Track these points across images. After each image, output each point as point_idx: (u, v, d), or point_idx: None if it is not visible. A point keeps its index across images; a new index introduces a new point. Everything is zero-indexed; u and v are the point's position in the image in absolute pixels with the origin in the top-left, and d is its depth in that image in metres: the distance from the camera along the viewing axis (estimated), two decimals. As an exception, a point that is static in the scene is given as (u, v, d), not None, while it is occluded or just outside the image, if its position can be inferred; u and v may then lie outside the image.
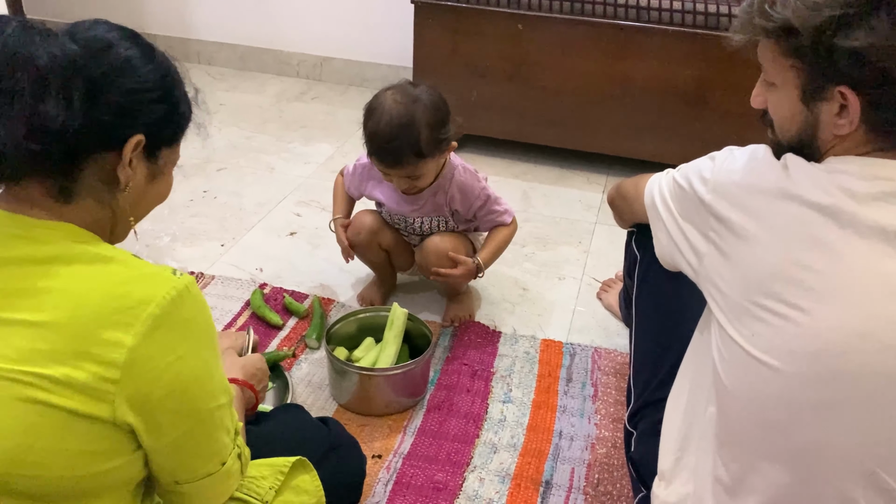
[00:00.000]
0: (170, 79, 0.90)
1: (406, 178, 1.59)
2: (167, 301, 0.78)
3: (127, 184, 0.85)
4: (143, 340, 0.77)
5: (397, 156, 1.53)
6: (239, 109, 3.02)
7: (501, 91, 2.52)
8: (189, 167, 2.55)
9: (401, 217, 1.74)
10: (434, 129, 1.54)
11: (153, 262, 0.84)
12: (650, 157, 2.50)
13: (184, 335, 0.80)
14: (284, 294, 1.90)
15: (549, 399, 1.62)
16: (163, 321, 0.78)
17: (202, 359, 0.82)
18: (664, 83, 2.37)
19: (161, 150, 0.90)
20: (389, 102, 1.54)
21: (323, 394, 1.61)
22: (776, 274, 0.90)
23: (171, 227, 2.13)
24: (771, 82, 0.97)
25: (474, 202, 1.70)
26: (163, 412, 0.80)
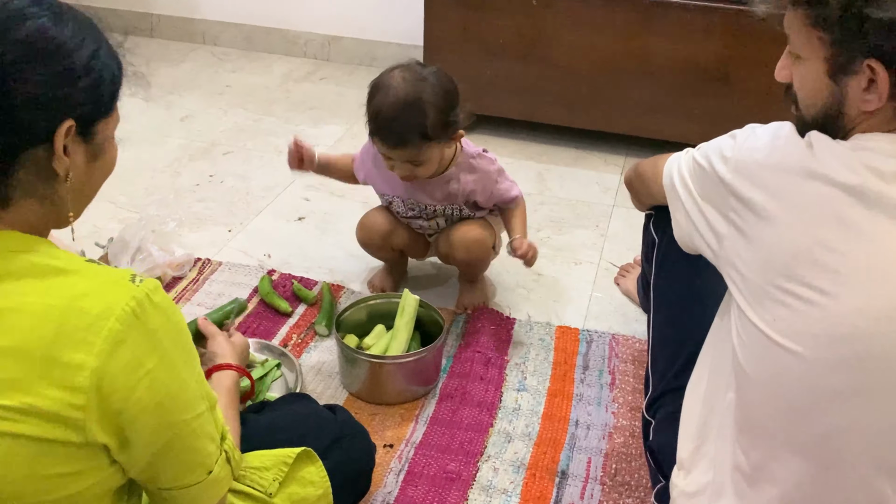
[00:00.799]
0: (90, 43, 0.82)
1: (408, 162, 1.55)
2: (127, 313, 0.76)
3: (67, 174, 0.81)
4: (106, 360, 0.74)
5: (401, 136, 1.50)
6: (245, 91, 3.02)
7: (515, 70, 2.51)
8: (195, 150, 2.57)
9: (414, 202, 1.73)
10: (442, 112, 1.51)
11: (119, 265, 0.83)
12: (670, 137, 2.48)
13: (151, 347, 0.78)
14: (293, 280, 1.90)
15: (565, 387, 1.62)
16: (125, 335, 0.75)
17: (174, 369, 0.80)
18: (685, 60, 2.35)
19: (96, 124, 0.84)
20: (397, 80, 1.51)
21: (333, 382, 1.62)
22: (799, 256, 0.89)
23: (177, 212, 2.14)
24: (797, 54, 0.96)
25: (493, 190, 1.68)
26: (137, 430, 0.78)
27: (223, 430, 0.91)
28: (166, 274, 1.89)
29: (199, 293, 1.87)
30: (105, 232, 2.04)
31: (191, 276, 1.93)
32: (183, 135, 2.67)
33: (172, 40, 3.44)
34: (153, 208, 2.07)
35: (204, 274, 1.94)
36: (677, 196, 1.08)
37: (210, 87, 3.05)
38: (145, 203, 2.23)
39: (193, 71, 3.19)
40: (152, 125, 2.70)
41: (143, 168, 2.43)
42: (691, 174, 1.06)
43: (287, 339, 1.73)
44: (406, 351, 1.58)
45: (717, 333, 1.09)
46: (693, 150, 1.09)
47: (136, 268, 1.86)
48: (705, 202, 1.02)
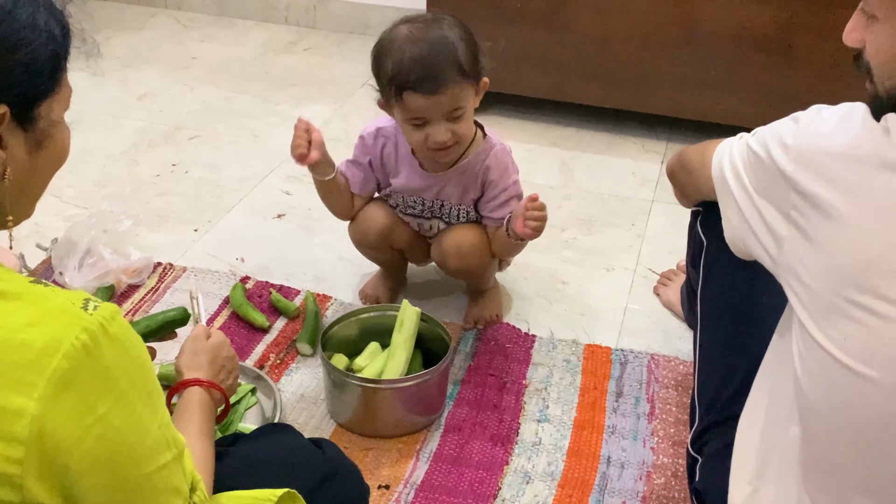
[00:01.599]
0: (25, 4, 0.80)
1: (449, 116, 1.56)
2: (77, 349, 0.74)
3: (4, 171, 0.80)
4: (50, 405, 0.73)
5: (439, 76, 1.52)
6: (215, 64, 3.03)
7: (536, 39, 2.51)
8: (155, 135, 2.57)
9: (418, 198, 1.73)
10: (470, 45, 1.57)
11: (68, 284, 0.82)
12: (720, 119, 2.47)
13: (104, 388, 0.76)
14: (271, 289, 1.91)
15: (595, 417, 1.62)
16: (74, 376, 0.74)
17: (133, 413, 0.79)
18: (738, 26, 2.34)
19: (38, 106, 0.82)
20: (406, 30, 1.57)
21: (318, 410, 1.62)
22: (873, 263, 0.89)
23: (134, 207, 2.14)
24: (871, 14, 0.95)
25: (509, 187, 1.70)
26: (86, 488, 0.77)
27: (193, 479, 0.90)
28: (120, 281, 1.90)
29: (160, 304, 1.87)
30: (48, 231, 2.05)
31: (150, 283, 1.94)
32: (141, 116, 2.68)
33: (129, 4, 3.46)
34: (105, 203, 2.08)
35: (165, 281, 1.95)
36: (729, 190, 1.08)
37: (174, 59, 3.06)
38: (96, 197, 2.24)
39: (154, 40, 3.20)
40: (104, 105, 2.71)
41: (93, 156, 2.44)
42: (745, 164, 1.06)
43: (264, 360, 1.73)
44: (405, 373, 1.58)
45: (777, 354, 1.08)
46: (748, 136, 1.09)
47: (85, 274, 1.87)
48: (762, 198, 1.02)
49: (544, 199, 2.28)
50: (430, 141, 1.57)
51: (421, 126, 1.57)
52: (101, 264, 1.88)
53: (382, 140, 1.72)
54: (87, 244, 1.89)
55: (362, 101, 2.68)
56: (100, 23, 3.30)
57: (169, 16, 3.40)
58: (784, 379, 1.03)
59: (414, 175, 1.71)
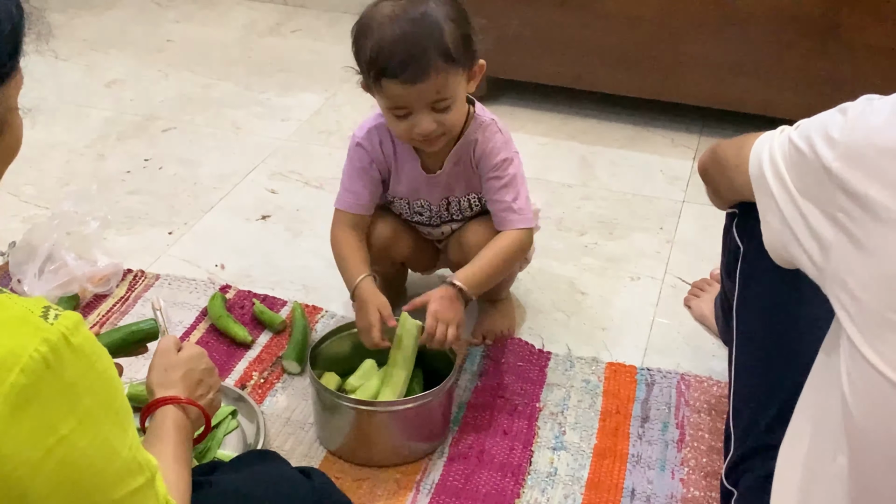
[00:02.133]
0: None
1: (433, 105, 1.54)
2: (37, 362, 0.74)
3: None
4: (6, 426, 0.73)
5: (420, 61, 1.49)
6: (193, 48, 3.05)
7: (551, 19, 2.52)
8: (125, 127, 2.59)
9: (425, 203, 1.74)
10: (459, 25, 1.54)
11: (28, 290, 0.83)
12: (759, 110, 2.48)
13: (67, 406, 0.77)
14: (254, 300, 1.91)
15: (618, 445, 1.62)
16: (34, 392, 0.74)
17: (99, 434, 0.79)
18: (779, 7, 2.35)
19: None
20: (387, 7, 1.54)
21: (306, 436, 1.63)
22: None
23: (101, 208, 2.15)
24: None
25: (497, 164, 1.67)
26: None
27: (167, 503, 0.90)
28: (86, 290, 1.91)
29: (130, 316, 1.88)
30: (5, 234, 2.06)
31: (118, 293, 1.95)
32: (109, 105, 2.70)
33: (97, -20, 3.48)
34: (69, 203, 2.09)
35: (135, 290, 1.96)
36: (768, 190, 1.08)
37: (146, 41, 3.08)
38: (59, 196, 2.25)
39: (124, 20, 3.23)
40: (67, 92, 2.73)
41: (55, 150, 2.45)
42: (787, 161, 1.06)
43: (245, 379, 1.74)
44: (404, 395, 1.58)
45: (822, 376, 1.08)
46: (790, 129, 1.09)
47: (46, 282, 1.88)
48: (805, 199, 1.02)
49: (561, 198, 2.31)
50: (415, 132, 1.57)
51: (404, 116, 1.57)
52: (63, 271, 1.89)
53: (378, 139, 1.71)
54: (48, 248, 1.91)
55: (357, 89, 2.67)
56: (64, 2, 3.32)
57: (141, -7, 3.42)
58: (830, 403, 1.03)
59: (416, 178, 1.71)
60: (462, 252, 1.73)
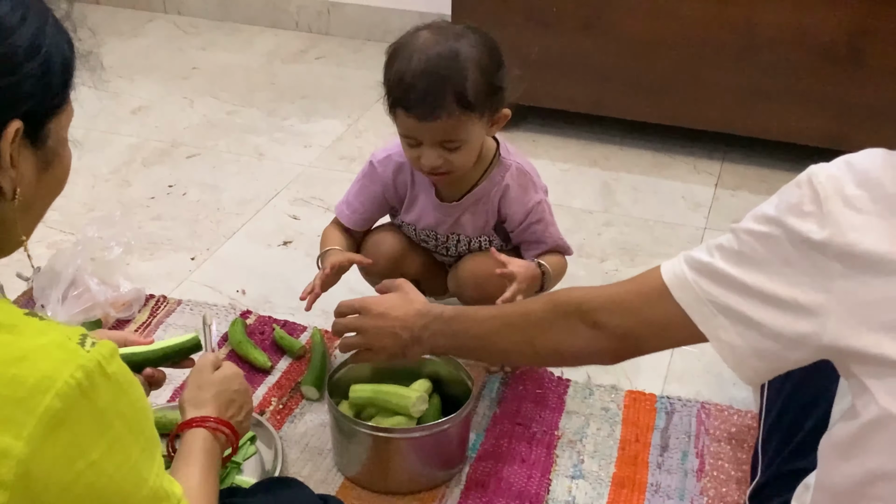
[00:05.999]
0: (34, 18, 0.84)
1: (440, 143, 1.56)
2: (72, 387, 0.76)
3: (15, 191, 0.83)
4: (39, 447, 0.75)
5: (434, 101, 1.50)
6: (218, 74, 3.08)
7: (573, 47, 2.53)
8: (150, 152, 2.62)
9: (431, 233, 1.76)
10: (486, 73, 1.53)
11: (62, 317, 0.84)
12: (782, 137, 2.48)
13: (98, 431, 0.78)
14: (274, 325, 1.93)
15: (637, 474, 1.62)
16: (66, 416, 0.75)
17: (127, 461, 0.80)
18: (801, 33, 2.35)
19: (48, 123, 0.86)
20: (424, 37, 1.55)
21: (324, 462, 1.63)
22: None
23: (125, 233, 2.17)
24: None
25: (532, 209, 1.71)
26: None
27: None
28: (108, 315, 1.93)
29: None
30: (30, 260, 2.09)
31: (140, 318, 1.96)
32: (135, 131, 2.73)
33: (123, 7, 3.53)
34: (93, 229, 2.11)
35: (157, 316, 1.97)
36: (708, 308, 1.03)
37: (172, 68, 3.12)
38: (83, 221, 2.26)
39: (150, 47, 3.27)
40: (93, 118, 2.76)
41: (80, 175, 2.48)
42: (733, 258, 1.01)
43: (265, 404, 1.75)
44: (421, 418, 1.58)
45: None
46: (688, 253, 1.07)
47: (69, 307, 1.89)
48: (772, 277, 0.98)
49: (583, 224, 2.31)
50: (421, 163, 1.59)
51: (414, 146, 1.59)
52: (87, 296, 1.91)
53: (394, 167, 1.73)
54: (71, 274, 1.92)
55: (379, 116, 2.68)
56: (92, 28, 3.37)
57: (167, 20, 3.47)
58: None
59: (428, 207, 1.72)
60: (457, 283, 1.75)
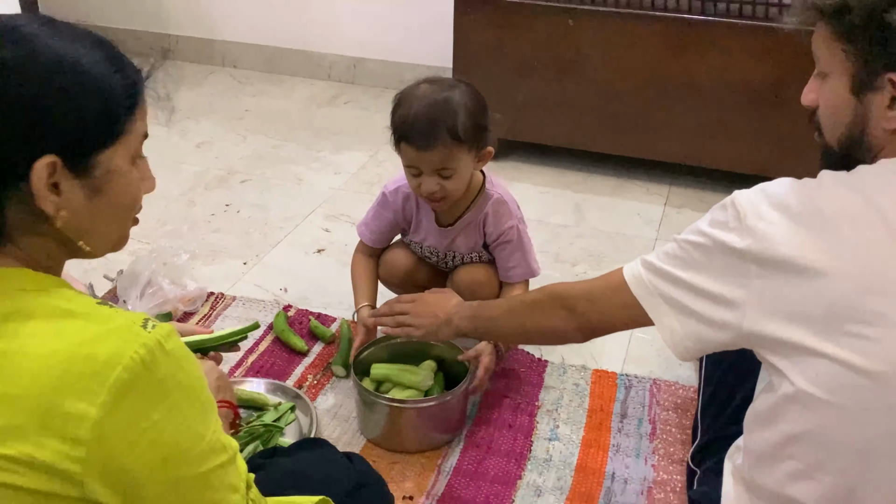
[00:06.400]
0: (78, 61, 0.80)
1: (436, 172, 1.56)
2: (136, 362, 0.76)
3: (58, 213, 0.80)
4: (110, 411, 0.74)
5: (430, 135, 1.52)
6: (266, 115, 3.08)
7: (551, 92, 2.53)
8: (211, 179, 2.62)
9: (434, 250, 1.76)
10: (472, 115, 1.55)
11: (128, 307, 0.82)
12: (718, 165, 2.48)
13: (159, 398, 0.78)
14: (310, 317, 1.93)
15: (601, 437, 1.61)
16: (132, 386, 0.75)
17: (184, 420, 0.80)
18: (735, 82, 2.35)
19: (94, 156, 0.81)
20: (423, 89, 1.58)
21: (350, 427, 1.63)
22: None
23: (191, 243, 2.19)
24: (823, 72, 0.99)
25: (504, 231, 1.69)
26: (142, 485, 0.78)
27: (249, 479, 0.91)
28: (177, 309, 1.93)
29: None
30: (114, 264, 2.09)
31: (203, 311, 1.97)
32: (199, 162, 2.73)
33: (190, 62, 3.54)
34: (165, 239, 2.12)
35: (216, 309, 1.97)
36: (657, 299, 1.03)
37: (229, 111, 3.12)
38: (157, 234, 2.27)
39: (212, 94, 3.27)
40: (167, 151, 2.77)
41: (155, 197, 2.44)
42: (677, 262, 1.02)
43: (302, 380, 1.75)
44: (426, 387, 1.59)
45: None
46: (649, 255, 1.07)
47: (146, 302, 1.90)
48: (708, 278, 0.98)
49: (558, 236, 2.31)
50: (421, 189, 1.59)
51: (416, 175, 1.59)
52: (160, 294, 1.91)
53: (403, 197, 1.73)
54: (148, 276, 1.93)
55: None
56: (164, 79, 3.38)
57: (225, 73, 3.47)
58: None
59: (431, 230, 1.73)
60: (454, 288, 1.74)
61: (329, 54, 3.37)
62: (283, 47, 3.42)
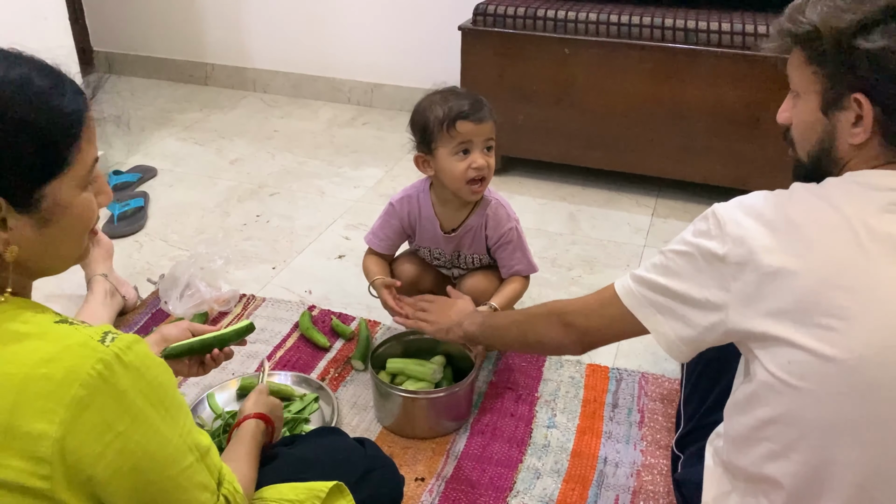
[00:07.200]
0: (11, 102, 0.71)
1: (485, 144, 1.57)
2: (93, 377, 0.71)
3: (6, 248, 0.75)
4: (70, 428, 0.70)
5: (483, 107, 1.56)
6: (292, 135, 3.10)
7: (548, 114, 2.53)
8: (243, 192, 2.63)
9: (441, 253, 1.76)
10: None
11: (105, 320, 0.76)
12: (701, 180, 2.47)
13: (121, 409, 0.73)
14: (332, 316, 1.93)
15: (595, 424, 1.61)
16: (91, 401, 0.71)
17: (151, 427, 0.76)
18: (714, 105, 2.35)
19: (38, 191, 0.74)
20: (441, 94, 1.60)
21: (368, 416, 1.63)
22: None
23: (225, 250, 2.19)
24: (795, 92, 0.99)
25: (504, 233, 1.69)
26: (112, 493, 0.74)
27: (220, 474, 0.86)
28: (213, 309, 1.93)
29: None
30: (157, 268, 2.10)
31: (236, 311, 1.97)
32: (232, 177, 2.74)
33: (225, 88, 3.56)
34: (202, 246, 2.12)
35: (248, 309, 1.98)
36: (653, 307, 1.02)
37: (259, 131, 3.14)
38: (195, 241, 2.29)
39: (244, 116, 3.29)
40: (204, 168, 2.78)
41: (194, 208, 2.50)
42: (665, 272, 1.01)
43: (325, 373, 1.75)
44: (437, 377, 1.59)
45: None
46: (637, 269, 1.06)
47: (185, 303, 1.90)
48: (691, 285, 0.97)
49: (554, 243, 2.31)
50: (472, 168, 1.56)
51: (465, 155, 1.57)
52: (197, 295, 1.92)
53: (407, 205, 1.73)
54: (187, 279, 1.94)
55: (407, 165, 2.72)
56: (201, 103, 3.40)
57: (256, 97, 3.49)
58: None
59: (437, 237, 1.73)
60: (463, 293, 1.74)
61: (349, 80, 3.39)
62: (308, 74, 3.44)
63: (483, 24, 2.52)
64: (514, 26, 2.49)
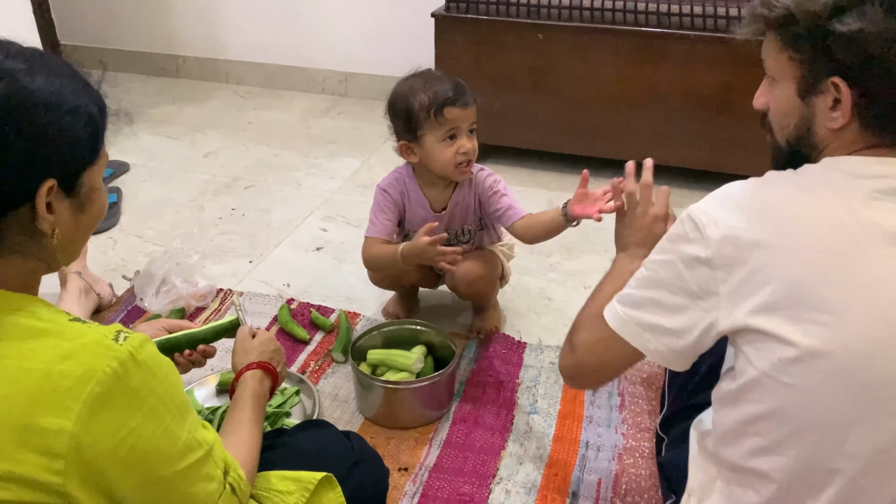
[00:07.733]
0: (68, 93, 0.78)
1: (470, 128, 1.58)
2: (109, 375, 0.74)
3: (53, 231, 0.79)
4: (86, 424, 0.72)
5: (467, 93, 1.56)
6: (267, 127, 3.07)
7: (525, 101, 2.53)
8: (218, 185, 2.61)
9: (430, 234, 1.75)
10: None
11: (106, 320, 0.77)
12: (678, 164, 2.48)
13: (134, 406, 0.76)
14: (311, 309, 1.92)
15: (576, 409, 1.62)
16: (106, 398, 0.73)
17: (160, 425, 0.78)
18: (689, 89, 2.36)
19: (80, 177, 0.81)
20: (419, 79, 1.58)
21: (349, 407, 1.63)
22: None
23: (201, 244, 2.18)
24: (772, 77, 0.98)
25: (491, 183, 1.69)
26: (123, 487, 0.76)
27: (227, 463, 0.89)
28: (190, 305, 1.92)
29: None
30: (132, 265, 2.08)
31: (213, 306, 1.96)
32: (207, 170, 2.72)
33: (197, 80, 3.52)
34: (178, 242, 2.11)
35: (226, 304, 1.97)
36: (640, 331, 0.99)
37: (233, 124, 3.11)
38: (171, 237, 2.27)
39: (217, 109, 3.25)
40: (177, 162, 2.75)
41: (168, 203, 2.47)
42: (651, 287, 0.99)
43: (305, 366, 1.74)
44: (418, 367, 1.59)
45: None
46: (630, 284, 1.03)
47: (161, 299, 1.89)
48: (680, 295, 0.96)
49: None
50: (460, 153, 1.57)
51: (452, 141, 1.57)
52: (173, 291, 1.91)
53: (398, 189, 1.73)
54: (162, 275, 1.92)
55: (384, 155, 2.71)
56: (173, 96, 3.36)
57: (229, 89, 3.45)
58: None
59: (425, 216, 1.71)
60: (454, 282, 1.74)
61: (323, 70, 3.36)
62: (282, 64, 3.41)
63: (456, 11, 2.51)
64: (486, 12, 2.48)
